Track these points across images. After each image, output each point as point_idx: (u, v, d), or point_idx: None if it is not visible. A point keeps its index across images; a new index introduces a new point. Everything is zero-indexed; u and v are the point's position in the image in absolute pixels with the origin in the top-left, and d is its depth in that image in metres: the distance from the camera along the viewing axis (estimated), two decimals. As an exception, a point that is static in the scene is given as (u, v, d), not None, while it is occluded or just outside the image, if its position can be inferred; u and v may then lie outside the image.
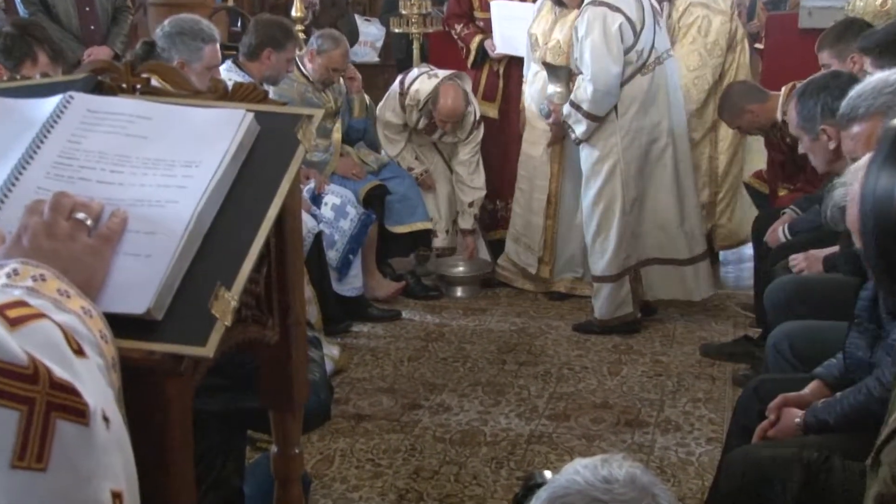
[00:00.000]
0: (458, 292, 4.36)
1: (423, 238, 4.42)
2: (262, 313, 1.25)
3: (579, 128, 3.68)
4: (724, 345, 3.60)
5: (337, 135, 4.29)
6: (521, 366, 3.55)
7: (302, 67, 4.09)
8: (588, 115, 3.63)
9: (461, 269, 4.50)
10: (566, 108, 3.69)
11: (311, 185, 3.96)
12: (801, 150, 2.84)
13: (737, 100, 3.70)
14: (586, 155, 3.71)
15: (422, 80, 4.26)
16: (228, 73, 3.68)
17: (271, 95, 3.89)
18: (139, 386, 0.97)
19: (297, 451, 1.43)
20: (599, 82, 3.53)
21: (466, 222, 4.48)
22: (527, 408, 3.18)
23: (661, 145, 3.66)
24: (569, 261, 4.15)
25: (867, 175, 1.08)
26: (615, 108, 3.61)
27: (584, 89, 3.58)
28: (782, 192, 3.73)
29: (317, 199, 3.96)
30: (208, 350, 0.99)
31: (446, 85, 4.21)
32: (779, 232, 3.26)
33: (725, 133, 4.23)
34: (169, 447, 1.01)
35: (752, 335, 3.54)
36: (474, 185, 4.43)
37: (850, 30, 3.39)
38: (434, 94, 4.24)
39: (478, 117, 4.40)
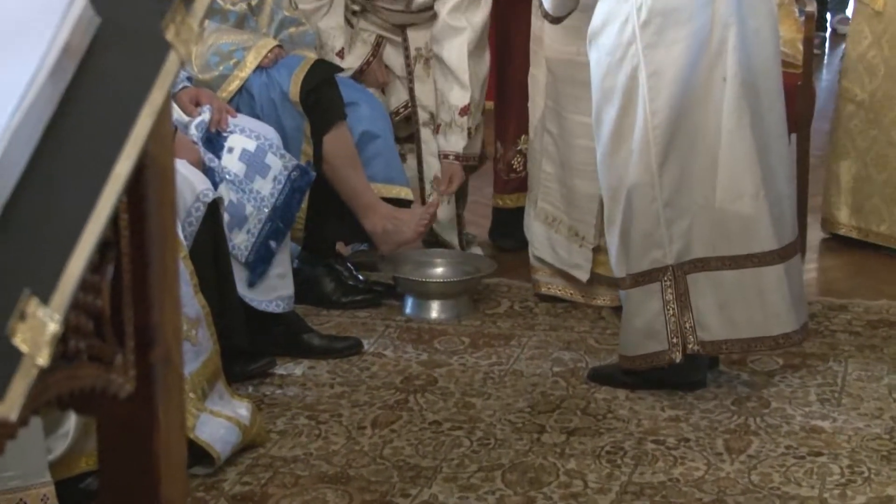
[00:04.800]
0: (433, 311, 4.40)
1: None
2: (105, 344, 1.27)
3: None
4: None
5: (264, 28, 4.35)
6: (570, 436, 3.57)
7: None
8: None
9: (440, 269, 4.56)
10: None
11: (205, 117, 3.99)
12: None
13: None
14: (594, 62, 3.70)
15: None
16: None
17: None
18: None
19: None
20: None
21: (452, 141, 4.60)
22: (581, 510, 3.21)
23: (717, 42, 3.58)
24: None
25: None
26: None
27: None
28: None
29: (214, 141, 3.98)
30: (7, 408, 1.01)
31: None
32: None
33: None
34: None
35: None
36: (465, 78, 4.54)
37: None
38: None
39: None
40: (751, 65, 3.61)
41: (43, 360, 1.04)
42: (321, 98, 4.25)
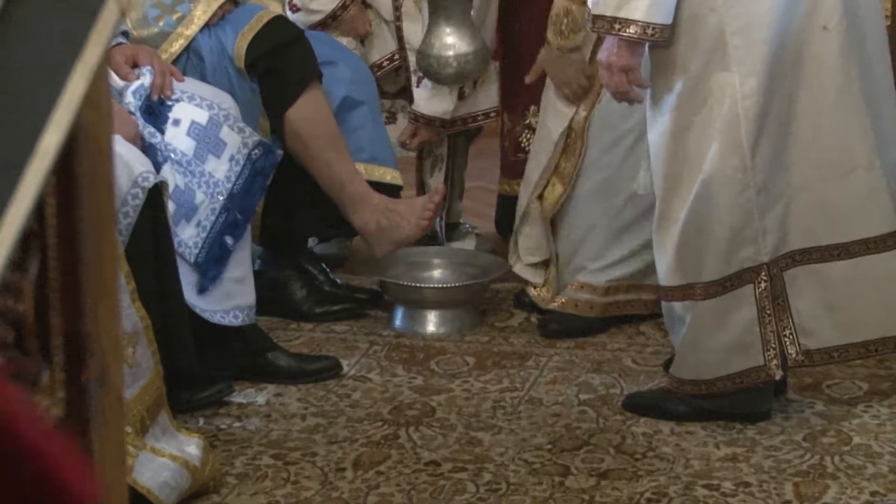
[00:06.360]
0: (429, 324, 4.43)
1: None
2: (28, 358, 1.28)
3: None
4: None
5: None
6: (601, 480, 3.58)
7: None
8: None
9: (437, 272, 4.59)
10: None
11: (145, 81, 3.99)
12: None
13: None
14: None
15: None
16: None
17: None
18: None
19: None
20: None
21: (434, 102, 4.67)
22: (616, 572, 3.23)
23: None
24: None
25: None
26: None
27: None
28: None
29: (156, 111, 3.99)
30: None
31: None
32: None
33: None
34: None
35: None
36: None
37: None
38: None
39: None
40: (854, 7, 3.64)
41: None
42: (289, 60, 4.25)
